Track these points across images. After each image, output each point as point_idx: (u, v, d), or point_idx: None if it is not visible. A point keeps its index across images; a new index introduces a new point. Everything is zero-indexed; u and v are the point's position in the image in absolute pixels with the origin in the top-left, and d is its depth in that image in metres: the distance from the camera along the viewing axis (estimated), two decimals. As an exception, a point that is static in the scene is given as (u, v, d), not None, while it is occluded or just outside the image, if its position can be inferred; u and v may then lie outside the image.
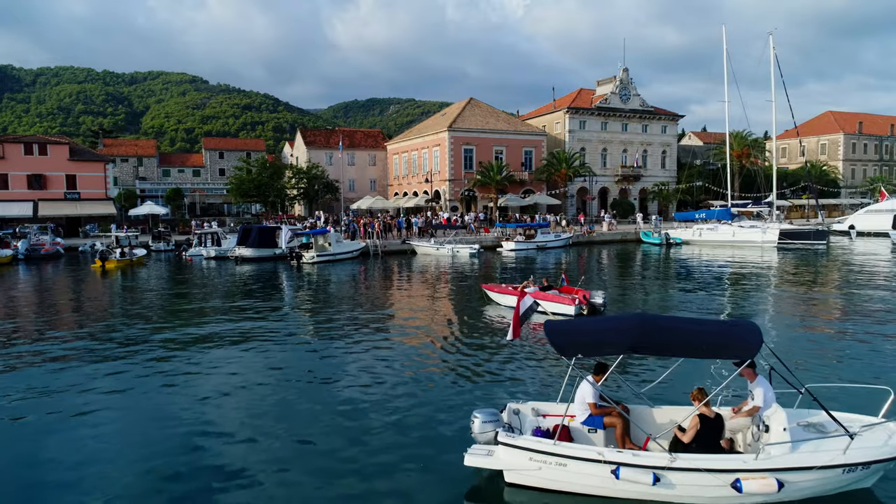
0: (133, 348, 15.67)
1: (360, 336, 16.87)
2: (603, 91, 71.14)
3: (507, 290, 20.67)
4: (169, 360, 14.56)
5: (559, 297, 19.14)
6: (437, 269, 33.87)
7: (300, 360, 14.35)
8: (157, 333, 17.60)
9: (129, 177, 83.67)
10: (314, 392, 11.93)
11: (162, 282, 30.88)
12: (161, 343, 16.34)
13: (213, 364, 14.00)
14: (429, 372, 13.29)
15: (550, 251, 43.54)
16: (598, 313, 18.67)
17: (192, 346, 15.91)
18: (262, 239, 38.88)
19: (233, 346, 15.70)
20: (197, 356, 14.82)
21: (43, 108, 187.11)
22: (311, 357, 14.74)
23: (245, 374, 13.13)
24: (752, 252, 41.13)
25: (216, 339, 16.71)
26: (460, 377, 12.85)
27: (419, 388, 12.05)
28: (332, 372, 13.27)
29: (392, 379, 12.61)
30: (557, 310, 18.83)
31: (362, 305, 22.12)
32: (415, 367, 13.62)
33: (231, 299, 24.02)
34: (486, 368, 13.58)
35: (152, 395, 11.93)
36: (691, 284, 26.94)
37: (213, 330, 18.02)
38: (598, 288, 22.86)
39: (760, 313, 19.82)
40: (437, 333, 17.37)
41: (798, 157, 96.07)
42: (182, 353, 15.14)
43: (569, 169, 62.05)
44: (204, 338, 16.96)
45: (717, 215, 47.69)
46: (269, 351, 15.30)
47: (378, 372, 13.16)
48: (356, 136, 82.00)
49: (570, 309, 18.53)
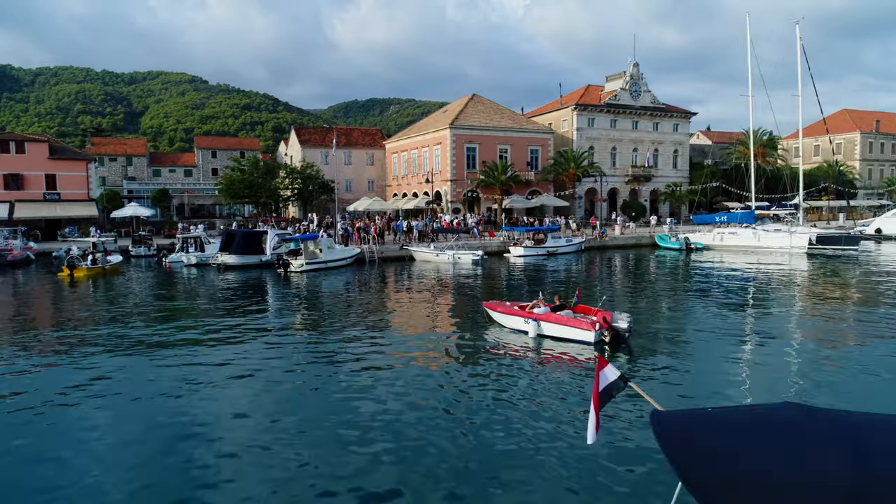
0: (78, 387, 12.36)
1: (329, 373, 13.57)
2: (612, 87, 67.80)
3: (513, 309, 17.40)
4: (106, 395, 11.28)
5: (574, 321, 15.89)
6: (437, 279, 30.61)
7: (269, 402, 11.09)
8: (110, 359, 14.31)
9: (117, 177, 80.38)
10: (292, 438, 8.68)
11: (133, 294, 27.57)
12: (108, 376, 13.05)
13: (173, 408, 10.74)
14: (415, 434, 9.97)
15: (561, 257, 40.25)
16: (621, 340, 15.45)
17: (145, 381, 12.62)
18: (246, 244, 35.54)
19: (198, 386, 12.41)
20: (148, 390, 11.54)
21: (42, 107, 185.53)
22: (284, 400, 11.46)
23: (211, 423, 9.86)
24: (779, 259, 37.80)
25: (178, 372, 13.42)
26: (445, 436, 9.51)
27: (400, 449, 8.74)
28: (305, 415, 10.02)
29: (376, 433, 9.32)
30: (572, 336, 15.68)
31: (344, 327, 18.78)
32: (394, 419, 10.33)
33: (204, 318, 20.70)
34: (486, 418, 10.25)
35: (84, 451, 8.64)
36: (728, 299, 23.60)
37: (175, 360, 14.73)
38: (614, 303, 19.62)
39: (848, 346, 16.47)
40: (427, 371, 14.04)
41: (813, 156, 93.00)
42: (127, 385, 11.87)
43: (577, 169, 58.72)
44: (163, 370, 13.66)
45: (739, 218, 44.33)
46: (239, 395, 12.01)
47: (358, 421, 9.88)
48: (353, 134, 78.65)
49: (588, 335, 15.37)
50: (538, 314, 16.46)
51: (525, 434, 9.86)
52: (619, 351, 15.16)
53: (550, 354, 15.14)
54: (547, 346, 15.78)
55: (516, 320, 17.04)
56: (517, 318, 17.00)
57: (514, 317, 17.12)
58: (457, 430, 10.08)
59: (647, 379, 12.86)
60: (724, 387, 12.35)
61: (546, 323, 16.20)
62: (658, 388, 12.10)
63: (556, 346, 15.66)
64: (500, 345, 16.08)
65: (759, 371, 13.73)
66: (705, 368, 14.03)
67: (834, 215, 70.06)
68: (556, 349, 15.47)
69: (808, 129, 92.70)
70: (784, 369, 13.77)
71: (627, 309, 20.20)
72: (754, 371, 13.72)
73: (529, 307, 17.09)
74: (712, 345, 16.16)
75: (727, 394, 11.85)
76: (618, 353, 15.05)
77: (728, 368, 13.90)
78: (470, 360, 14.83)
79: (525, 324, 16.60)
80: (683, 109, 71.13)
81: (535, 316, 16.40)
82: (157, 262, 39.17)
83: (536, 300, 17.27)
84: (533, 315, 16.48)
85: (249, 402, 11.81)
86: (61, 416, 11.24)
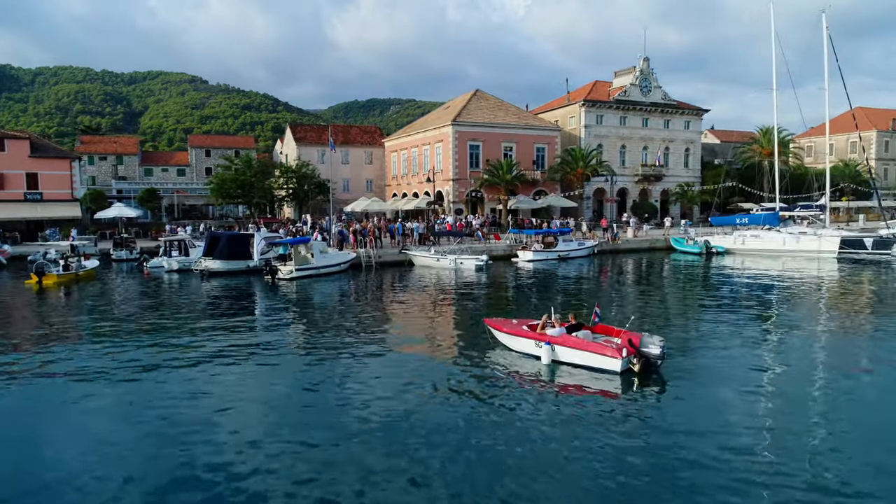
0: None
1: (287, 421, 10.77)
2: (621, 83, 64.94)
3: (520, 329, 14.66)
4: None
5: (597, 345, 13.22)
6: (437, 287, 27.83)
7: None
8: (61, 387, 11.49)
9: (107, 176, 77.66)
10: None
11: (102, 306, 24.77)
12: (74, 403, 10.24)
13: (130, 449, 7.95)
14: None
15: (572, 262, 37.42)
16: (653, 368, 12.82)
17: (91, 417, 9.82)
18: (232, 248, 32.68)
19: (159, 424, 9.62)
20: (92, 427, 8.76)
21: (41, 107, 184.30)
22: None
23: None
24: (808, 264, 34.97)
25: (134, 404, 10.62)
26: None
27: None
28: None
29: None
30: (594, 363, 13.07)
31: (326, 349, 15.94)
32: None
33: (175, 336, 17.87)
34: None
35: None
36: (769, 312, 20.76)
37: (134, 391, 11.94)
38: (638, 319, 16.84)
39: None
40: (419, 409, 11.21)
41: (826, 155, 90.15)
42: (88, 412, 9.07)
43: (586, 168, 55.86)
44: (116, 404, 10.87)
45: (762, 220, 41.43)
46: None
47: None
48: (351, 132, 75.83)
49: (613, 363, 12.78)
50: (552, 336, 13.79)
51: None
52: (649, 382, 12.56)
53: (567, 386, 12.52)
54: (563, 376, 13.13)
55: (525, 343, 14.36)
56: (526, 341, 14.33)
57: (523, 339, 14.43)
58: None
59: (687, 426, 10.10)
60: (785, 431, 9.63)
61: (562, 347, 13.56)
62: (702, 436, 9.52)
63: (573, 376, 13.02)
64: (506, 373, 13.43)
65: (834, 417, 10.90)
66: (759, 407, 11.26)
67: (852, 216, 67.24)
68: (574, 379, 12.85)
69: (821, 128, 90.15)
70: (862, 417, 10.94)
71: (654, 327, 17.44)
72: (824, 414, 10.90)
73: (540, 327, 14.39)
74: (763, 375, 13.40)
75: (791, 448, 9.04)
76: (648, 384, 12.47)
77: (786, 405, 11.17)
78: (470, 394, 12.15)
79: (536, 347, 13.99)
80: (695, 106, 68.31)
81: (549, 338, 13.74)
82: (137, 268, 36.32)
83: (547, 318, 14.54)
84: (545, 337, 13.83)
85: (220, 443, 9.16)
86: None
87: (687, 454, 9.01)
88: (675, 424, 10.26)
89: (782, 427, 10.22)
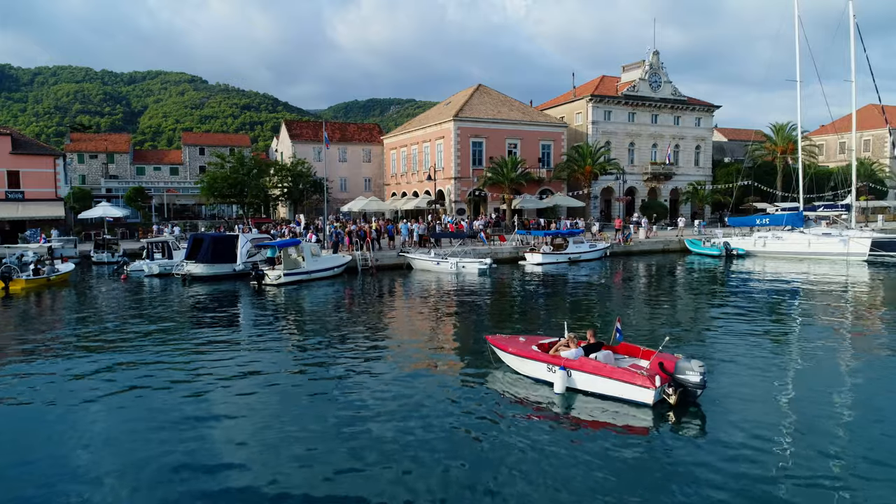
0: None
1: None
2: (630, 78, 62.44)
3: (529, 350, 12.19)
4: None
5: (624, 372, 10.71)
6: (436, 294, 25.39)
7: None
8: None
9: (97, 175, 75.20)
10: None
11: (70, 314, 22.30)
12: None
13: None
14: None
15: (584, 265, 34.93)
16: (691, 399, 10.46)
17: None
18: (216, 251, 30.17)
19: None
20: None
21: (40, 107, 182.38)
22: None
23: None
24: (836, 268, 32.46)
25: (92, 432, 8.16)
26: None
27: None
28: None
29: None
30: (620, 393, 10.67)
31: (307, 369, 13.44)
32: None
33: (141, 351, 15.38)
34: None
35: None
36: (813, 324, 18.25)
37: (89, 417, 9.45)
38: (662, 332, 14.37)
39: None
40: (411, 449, 8.74)
41: (838, 154, 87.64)
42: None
43: (594, 165, 53.34)
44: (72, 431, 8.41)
45: (785, 220, 38.86)
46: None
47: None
48: (349, 129, 73.31)
49: (644, 394, 10.38)
50: (568, 359, 11.36)
51: None
52: (687, 417, 10.21)
53: (585, 421, 10.21)
54: (580, 408, 10.76)
55: (536, 366, 11.92)
56: (537, 364, 11.88)
57: (534, 361, 11.95)
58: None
59: (736, 477, 7.67)
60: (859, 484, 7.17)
61: (579, 373, 11.14)
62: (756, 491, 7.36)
63: (593, 408, 10.66)
64: (511, 403, 11.08)
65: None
66: (827, 447, 8.75)
67: (868, 217, 64.69)
68: (594, 412, 10.51)
69: (830, 126, 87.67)
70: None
71: (684, 344, 15.02)
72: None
73: (555, 349, 11.94)
74: (824, 406, 10.90)
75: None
76: (685, 420, 10.12)
77: (859, 451, 8.67)
78: (468, 431, 9.78)
79: (549, 372, 11.57)
80: (706, 102, 65.76)
81: (565, 362, 11.31)
82: (115, 271, 33.83)
83: (567, 338, 12.05)
84: (560, 360, 11.41)
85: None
86: None
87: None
88: (721, 472, 8.13)
89: (856, 481, 7.74)
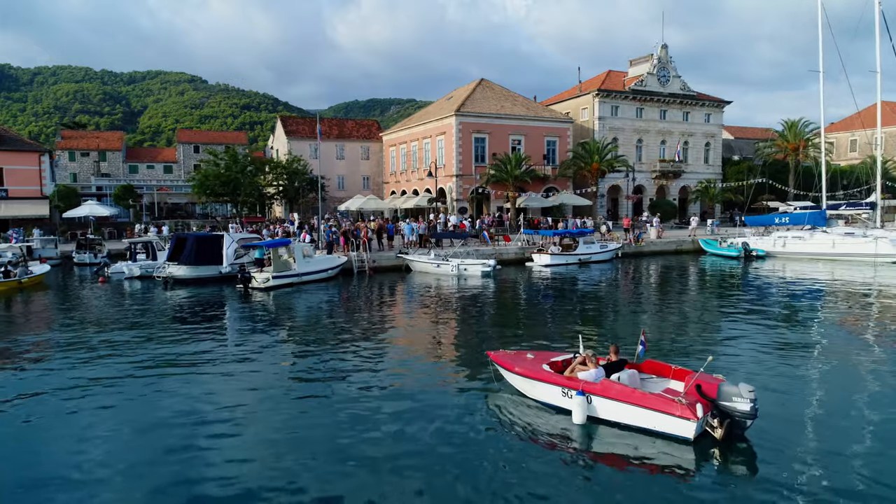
0: None
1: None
2: (637, 72, 60.27)
3: (540, 370, 10.05)
4: None
5: (657, 399, 8.60)
6: (436, 299, 23.30)
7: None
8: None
9: (89, 173, 73.12)
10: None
11: (35, 321, 20.19)
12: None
13: None
14: None
15: (594, 266, 32.81)
16: (738, 432, 8.46)
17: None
18: (200, 252, 28.03)
19: None
20: None
21: (39, 107, 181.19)
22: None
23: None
24: (864, 270, 30.32)
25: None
26: None
27: None
28: None
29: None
30: (653, 425, 8.57)
31: (287, 389, 11.33)
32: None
33: (107, 366, 13.26)
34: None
35: None
36: (864, 337, 16.12)
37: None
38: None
39: None
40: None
41: (849, 152, 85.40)
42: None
43: (602, 162, 51.20)
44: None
45: (807, 220, 36.70)
46: None
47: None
48: (346, 125, 71.16)
49: (684, 427, 8.29)
50: (588, 382, 9.27)
51: None
52: (733, 453, 8.23)
53: (610, 458, 8.26)
54: (604, 442, 8.74)
55: (549, 390, 9.82)
56: (550, 388, 9.76)
57: (546, 384, 9.83)
58: None
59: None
60: None
61: (603, 399, 9.03)
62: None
63: (620, 443, 8.61)
64: (519, 437, 9.07)
65: None
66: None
67: (883, 217, 62.40)
68: (620, 447, 8.49)
69: (840, 124, 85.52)
70: None
71: (718, 359, 12.93)
72: None
73: (571, 368, 9.84)
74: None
75: None
76: (733, 457, 8.16)
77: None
78: (469, 473, 7.69)
79: (565, 397, 9.49)
80: (716, 97, 63.59)
81: (584, 385, 9.21)
82: (95, 273, 31.74)
83: (583, 356, 9.98)
84: (578, 383, 9.30)
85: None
86: None
87: None
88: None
89: None
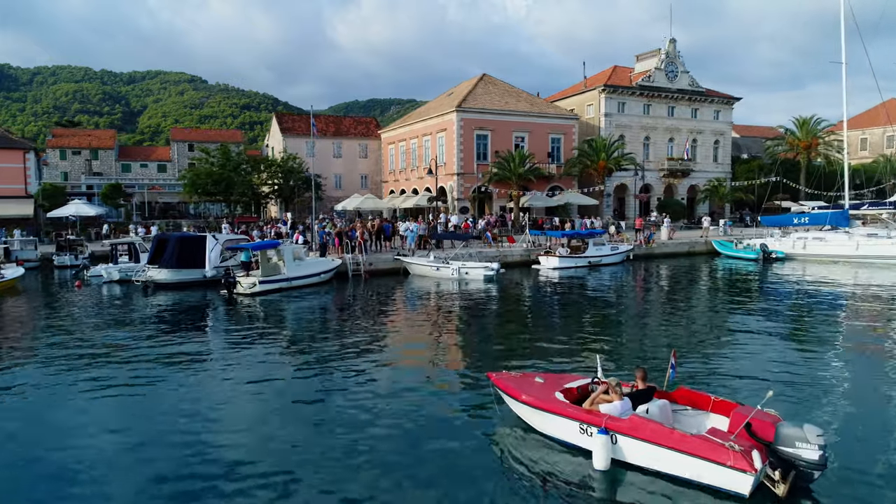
0: None
1: None
2: (644, 67, 58.36)
3: (551, 400, 8.11)
4: None
5: (703, 444, 6.56)
6: (435, 305, 21.49)
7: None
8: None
9: (80, 172, 71.11)
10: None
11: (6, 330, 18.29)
12: None
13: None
14: None
15: (605, 269, 30.89)
16: (805, 484, 6.61)
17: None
18: (183, 254, 26.11)
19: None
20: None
21: (38, 107, 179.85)
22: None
23: None
24: (887, 274, 28.41)
25: None
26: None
27: None
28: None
29: None
30: (700, 476, 6.62)
31: (266, 416, 9.42)
32: None
33: (69, 383, 11.33)
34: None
35: None
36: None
37: None
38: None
39: None
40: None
41: (859, 151, 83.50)
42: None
43: (609, 160, 49.27)
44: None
45: (828, 220, 34.79)
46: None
47: None
48: (344, 122, 69.27)
49: (742, 482, 6.35)
50: (613, 417, 7.35)
51: None
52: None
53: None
54: (634, 493, 6.88)
55: (563, 425, 7.86)
56: (566, 422, 7.79)
57: (560, 418, 7.85)
58: None
59: None
60: None
61: (632, 440, 7.08)
62: None
63: (655, 496, 6.76)
64: (527, 487, 7.20)
65: None
66: None
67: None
68: (655, 502, 6.67)
69: (854, 120, 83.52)
70: None
71: (759, 384, 10.99)
72: None
73: (591, 400, 7.88)
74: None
75: None
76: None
77: None
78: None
79: (583, 435, 7.58)
80: (726, 94, 61.67)
81: (608, 422, 7.28)
82: (72, 276, 29.85)
83: (604, 381, 8.17)
84: (601, 419, 7.35)
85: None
86: None
87: None
88: None
89: None
